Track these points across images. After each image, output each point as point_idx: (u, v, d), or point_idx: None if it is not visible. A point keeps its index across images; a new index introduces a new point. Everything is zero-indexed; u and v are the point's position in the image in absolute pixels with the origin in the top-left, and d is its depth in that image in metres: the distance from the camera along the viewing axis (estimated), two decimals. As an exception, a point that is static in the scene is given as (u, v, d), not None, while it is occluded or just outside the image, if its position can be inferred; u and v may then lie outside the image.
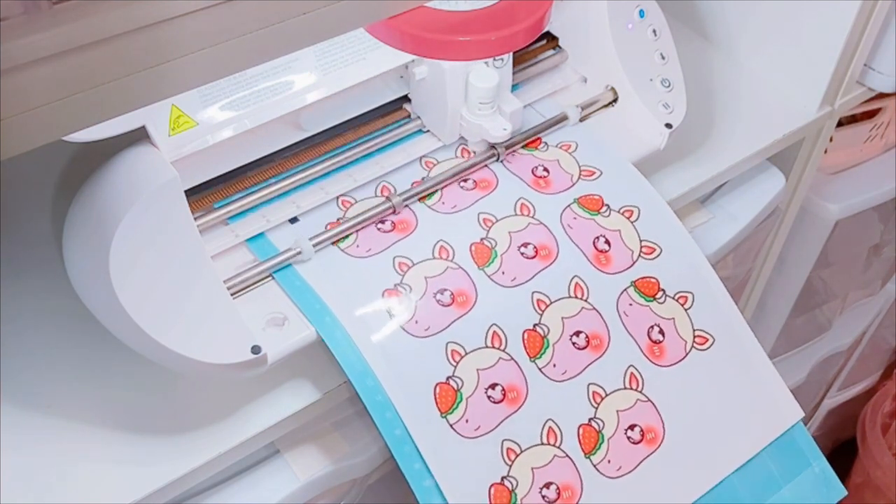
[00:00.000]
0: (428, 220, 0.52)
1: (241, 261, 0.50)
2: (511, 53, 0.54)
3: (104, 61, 0.33)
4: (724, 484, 0.51)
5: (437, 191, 0.53)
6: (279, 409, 0.48)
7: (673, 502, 0.50)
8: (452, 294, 0.49)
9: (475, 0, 0.47)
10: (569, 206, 0.54)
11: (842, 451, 1.30)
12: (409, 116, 0.56)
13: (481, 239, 0.51)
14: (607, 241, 0.53)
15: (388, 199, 0.52)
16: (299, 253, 0.49)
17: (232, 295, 0.47)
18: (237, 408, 0.48)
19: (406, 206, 0.52)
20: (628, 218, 0.54)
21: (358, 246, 0.50)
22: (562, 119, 0.58)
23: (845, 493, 0.54)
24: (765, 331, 0.96)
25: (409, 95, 0.55)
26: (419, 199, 0.53)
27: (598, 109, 0.59)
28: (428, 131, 0.56)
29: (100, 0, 0.32)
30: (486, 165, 0.55)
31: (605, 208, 0.54)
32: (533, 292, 0.50)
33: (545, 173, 0.55)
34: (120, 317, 0.42)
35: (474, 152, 0.56)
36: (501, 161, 0.55)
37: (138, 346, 0.44)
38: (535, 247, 0.52)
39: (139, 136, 0.44)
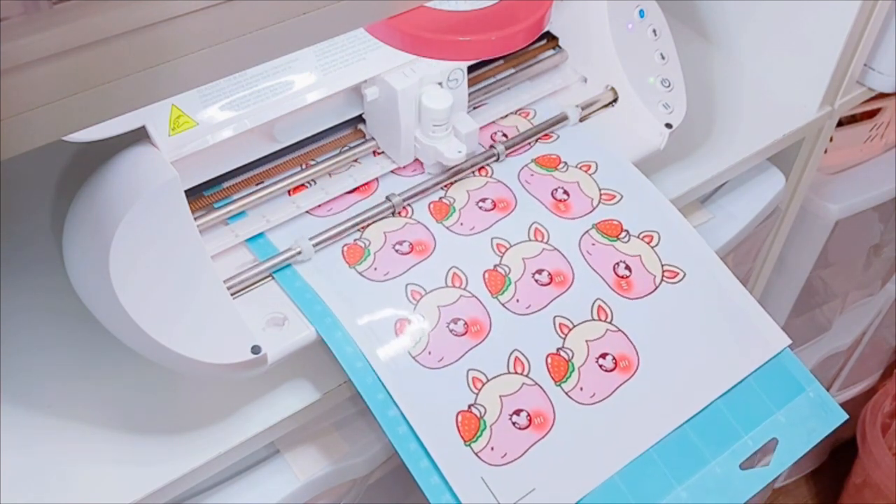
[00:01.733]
0: (388, 184, 0.54)
1: (241, 261, 0.50)
2: (465, 73, 0.53)
3: (104, 61, 0.33)
4: (710, 410, 0.50)
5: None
6: (279, 409, 0.48)
7: (654, 428, 0.49)
8: (411, 244, 0.51)
9: (475, 0, 0.47)
10: (526, 165, 0.56)
11: (842, 451, 1.30)
12: (364, 137, 0.55)
13: (440, 198, 0.53)
14: (566, 192, 0.54)
15: (387, 199, 0.52)
16: (299, 253, 0.49)
17: (232, 295, 0.47)
18: (237, 408, 0.48)
19: (406, 205, 0.52)
20: (586, 171, 0.56)
21: (321, 208, 0.52)
22: (562, 119, 0.58)
23: (846, 416, 0.53)
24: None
25: (364, 116, 0.54)
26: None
27: (598, 109, 0.59)
28: (383, 153, 0.55)
29: (100, 0, 0.32)
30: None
31: (562, 165, 0.56)
32: (492, 238, 0.52)
33: (503, 139, 0.57)
34: (120, 317, 0.42)
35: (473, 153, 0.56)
36: (501, 161, 0.56)
37: (138, 346, 0.44)
38: (493, 200, 0.53)
39: (139, 136, 0.44)
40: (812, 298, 0.97)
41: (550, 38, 0.61)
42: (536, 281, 0.51)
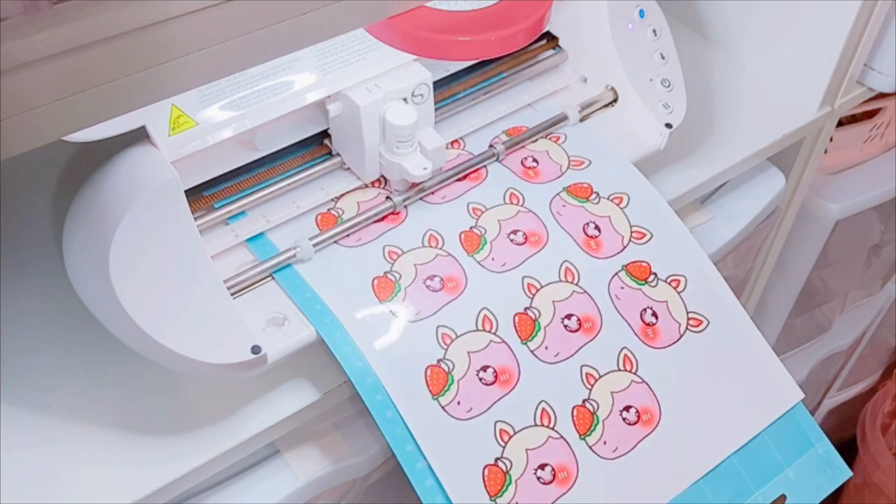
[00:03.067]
0: (416, 210, 0.52)
1: (241, 261, 0.50)
2: (431, 88, 0.52)
3: (104, 61, 0.33)
4: (725, 465, 0.51)
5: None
6: (279, 409, 0.48)
7: (672, 483, 0.49)
8: (442, 280, 0.49)
9: (475, 0, 0.47)
10: (558, 194, 0.54)
11: (842, 451, 1.29)
12: (329, 153, 0.54)
13: (471, 227, 0.52)
14: (597, 227, 0.53)
15: (388, 198, 0.52)
16: (299, 253, 0.49)
17: (232, 295, 0.47)
18: (237, 408, 0.48)
19: (406, 205, 0.52)
20: (618, 205, 0.55)
21: (348, 235, 0.51)
22: (562, 119, 0.58)
23: (850, 473, 0.53)
24: (765, 331, 0.96)
25: (329, 131, 0.53)
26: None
27: (598, 109, 0.59)
28: (349, 168, 0.54)
29: (100, 0, 0.32)
30: (483, 165, 0.55)
31: (594, 196, 0.55)
32: (523, 277, 0.51)
33: (534, 164, 0.55)
34: (120, 317, 0.42)
35: (472, 153, 0.56)
36: (501, 161, 0.56)
37: (138, 346, 0.44)
38: (524, 233, 0.52)
39: (139, 136, 0.44)
40: (812, 298, 0.97)
41: (550, 38, 0.61)
42: (565, 327, 0.50)
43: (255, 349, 0.44)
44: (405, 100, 0.51)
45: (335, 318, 0.47)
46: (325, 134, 0.53)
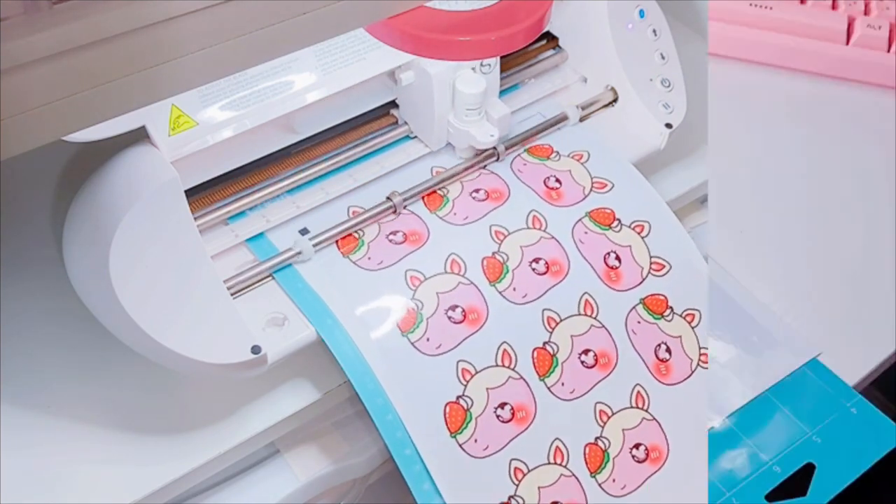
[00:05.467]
0: (439, 231, 0.51)
1: (241, 261, 0.50)
2: (498, 58, 0.53)
3: (104, 61, 0.33)
4: None
5: (447, 200, 0.53)
6: (279, 409, 0.48)
7: None
8: (464, 311, 0.49)
9: (475, 0, 0.47)
10: (580, 220, 0.53)
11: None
12: (396, 122, 0.55)
13: (493, 253, 0.51)
14: (618, 258, 0.53)
15: (388, 199, 0.52)
16: (299, 253, 0.49)
17: (232, 295, 0.47)
18: (237, 408, 0.48)
19: (407, 206, 0.52)
20: (639, 233, 0.54)
21: (370, 258, 0.50)
22: (562, 119, 0.58)
23: None
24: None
25: (397, 101, 0.55)
26: (431, 210, 0.52)
27: (598, 109, 0.59)
28: (415, 137, 0.55)
29: (100, 0, 0.32)
30: (496, 175, 0.55)
31: (616, 223, 0.54)
32: (543, 309, 0.50)
33: (557, 185, 0.55)
34: (120, 317, 0.42)
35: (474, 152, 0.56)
36: (502, 161, 0.55)
37: (138, 346, 0.44)
38: (546, 262, 0.51)
39: (139, 136, 0.44)
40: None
41: (550, 38, 0.61)
42: (582, 363, 0.50)
43: (255, 349, 0.44)
44: (473, 69, 0.52)
45: (335, 319, 0.47)
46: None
